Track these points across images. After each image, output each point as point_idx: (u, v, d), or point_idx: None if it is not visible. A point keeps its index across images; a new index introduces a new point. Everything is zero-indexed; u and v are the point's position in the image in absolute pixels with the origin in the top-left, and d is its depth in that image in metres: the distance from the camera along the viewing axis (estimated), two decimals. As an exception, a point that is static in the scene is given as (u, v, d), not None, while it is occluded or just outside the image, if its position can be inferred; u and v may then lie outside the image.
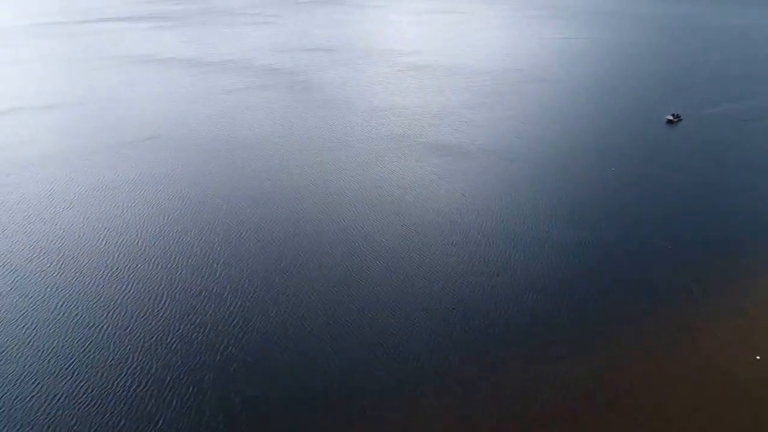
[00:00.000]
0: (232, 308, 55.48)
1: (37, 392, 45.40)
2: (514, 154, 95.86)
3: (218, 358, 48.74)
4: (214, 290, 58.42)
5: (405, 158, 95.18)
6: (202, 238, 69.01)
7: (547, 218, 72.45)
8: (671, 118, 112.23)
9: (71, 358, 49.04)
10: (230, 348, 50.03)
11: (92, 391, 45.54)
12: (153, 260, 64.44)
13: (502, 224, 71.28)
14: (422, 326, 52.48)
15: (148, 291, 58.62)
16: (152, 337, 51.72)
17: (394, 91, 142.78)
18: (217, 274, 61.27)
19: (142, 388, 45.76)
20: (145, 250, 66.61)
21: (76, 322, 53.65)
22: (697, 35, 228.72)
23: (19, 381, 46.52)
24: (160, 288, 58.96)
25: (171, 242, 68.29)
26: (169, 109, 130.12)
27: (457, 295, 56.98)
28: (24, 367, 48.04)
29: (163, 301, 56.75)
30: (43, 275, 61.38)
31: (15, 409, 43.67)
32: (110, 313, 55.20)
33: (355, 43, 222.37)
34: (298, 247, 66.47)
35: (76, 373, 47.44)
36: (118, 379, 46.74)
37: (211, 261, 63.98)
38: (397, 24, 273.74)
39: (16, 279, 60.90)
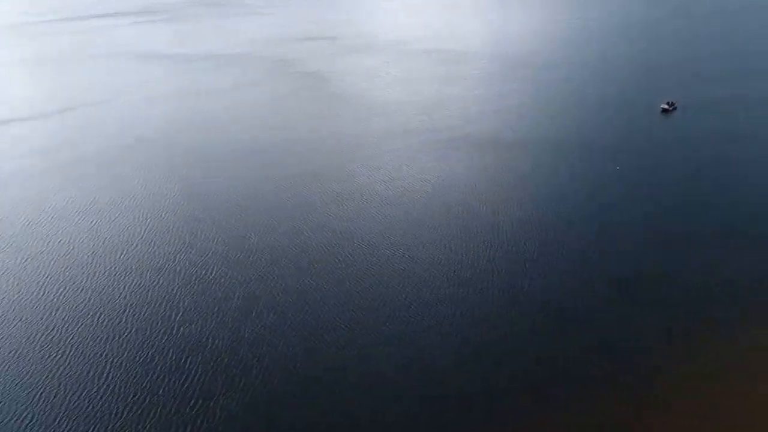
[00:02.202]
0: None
1: None
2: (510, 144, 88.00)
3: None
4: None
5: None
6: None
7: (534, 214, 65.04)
8: (666, 107, 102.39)
9: None
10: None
11: None
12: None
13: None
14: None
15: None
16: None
17: (395, 83, 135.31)
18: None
19: None
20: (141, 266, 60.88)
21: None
22: (698, 16, 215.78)
23: None
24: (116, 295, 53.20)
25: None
26: (180, 107, 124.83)
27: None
28: None
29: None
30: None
31: None
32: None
33: (352, 32, 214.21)
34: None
35: None
36: None
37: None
38: (390, 11, 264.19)
39: None
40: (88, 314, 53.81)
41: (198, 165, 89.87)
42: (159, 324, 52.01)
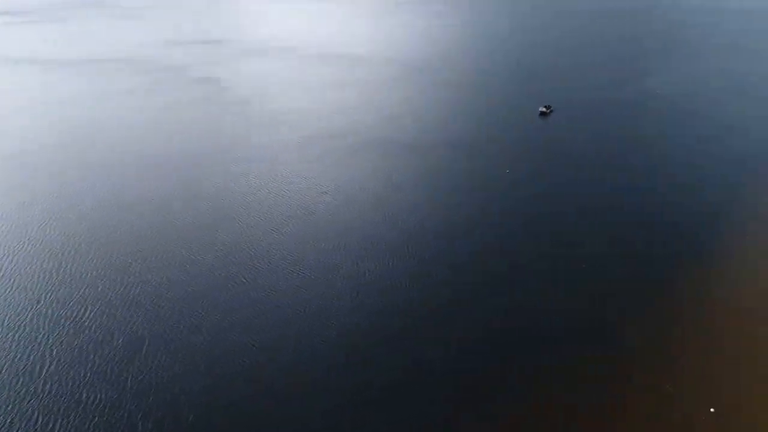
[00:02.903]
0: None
1: None
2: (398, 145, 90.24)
3: None
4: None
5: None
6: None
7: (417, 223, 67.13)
8: (544, 110, 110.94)
9: None
10: None
11: None
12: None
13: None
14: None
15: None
16: None
17: (292, 89, 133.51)
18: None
19: None
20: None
21: None
22: (572, 20, 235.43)
23: None
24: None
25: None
26: (54, 118, 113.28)
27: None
28: None
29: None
30: None
31: None
32: None
33: (240, 36, 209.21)
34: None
35: None
36: None
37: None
38: (276, 15, 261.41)
39: None
40: None
41: (70, 183, 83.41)
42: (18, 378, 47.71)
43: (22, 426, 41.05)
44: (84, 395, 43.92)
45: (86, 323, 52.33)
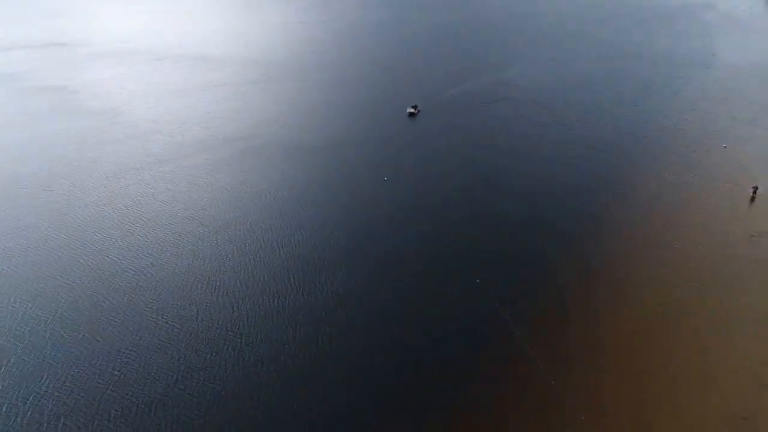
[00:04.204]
0: None
1: None
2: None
3: None
4: None
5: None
6: None
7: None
8: (412, 110, 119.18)
9: None
10: None
11: None
12: None
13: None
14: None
15: None
16: None
17: (152, 95, 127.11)
18: None
19: None
20: None
21: None
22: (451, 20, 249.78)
23: None
24: None
25: None
26: None
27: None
28: None
29: None
30: None
31: None
32: None
33: (86, 38, 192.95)
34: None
35: None
36: None
37: None
38: (117, 15, 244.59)
39: None
40: None
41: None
42: None
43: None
44: None
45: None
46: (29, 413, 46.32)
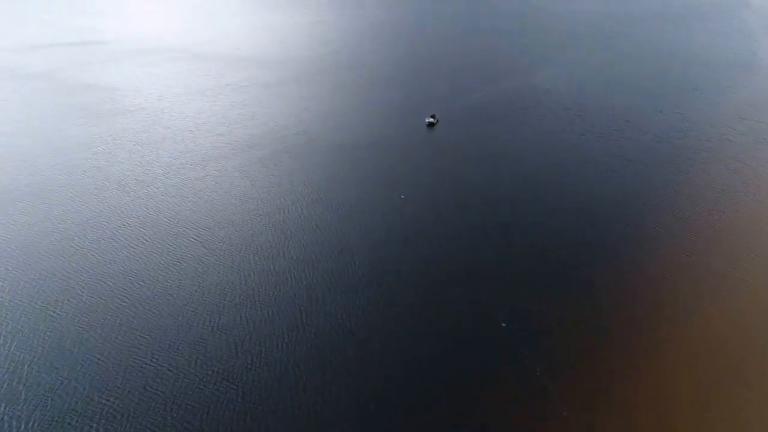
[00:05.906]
0: None
1: None
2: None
3: None
4: None
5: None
6: None
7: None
8: (431, 120, 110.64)
9: None
10: None
11: None
12: None
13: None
14: None
15: None
16: None
17: (187, 94, 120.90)
18: None
19: None
20: None
21: None
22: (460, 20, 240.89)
23: None
24: None
25: None
26: None
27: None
28: None
29: None
30: None
31: None
32: None
33: (115, 36, 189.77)
34: None
35: None
36: None
37: None
38: (144, 14, 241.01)
39: None
40: None
41: None
42: None
43: None
44: None
45: None
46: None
